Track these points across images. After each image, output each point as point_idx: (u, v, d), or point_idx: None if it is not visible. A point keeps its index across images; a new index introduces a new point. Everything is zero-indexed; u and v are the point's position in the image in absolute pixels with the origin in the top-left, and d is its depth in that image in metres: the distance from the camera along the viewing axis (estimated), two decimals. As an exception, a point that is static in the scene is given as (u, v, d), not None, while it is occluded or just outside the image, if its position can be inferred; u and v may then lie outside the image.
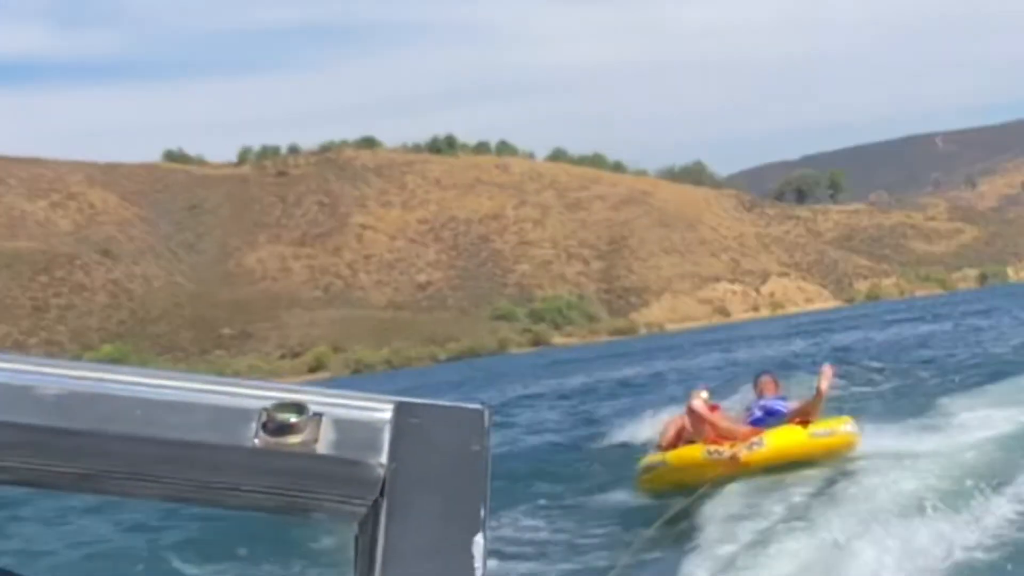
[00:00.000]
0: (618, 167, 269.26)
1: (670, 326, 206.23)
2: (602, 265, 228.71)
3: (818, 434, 22.15)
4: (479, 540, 1.04)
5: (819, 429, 22.24)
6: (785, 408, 22.93)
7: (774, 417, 22.60)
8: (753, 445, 21.36)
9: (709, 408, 22.69)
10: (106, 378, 1.07)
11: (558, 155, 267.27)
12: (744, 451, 21.20)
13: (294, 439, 1.06)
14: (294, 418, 1.06)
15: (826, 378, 22.73)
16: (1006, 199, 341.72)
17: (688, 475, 20.76)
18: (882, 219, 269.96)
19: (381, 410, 1.08)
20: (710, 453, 21.38)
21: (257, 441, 1.06)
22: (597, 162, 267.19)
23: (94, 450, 1.06)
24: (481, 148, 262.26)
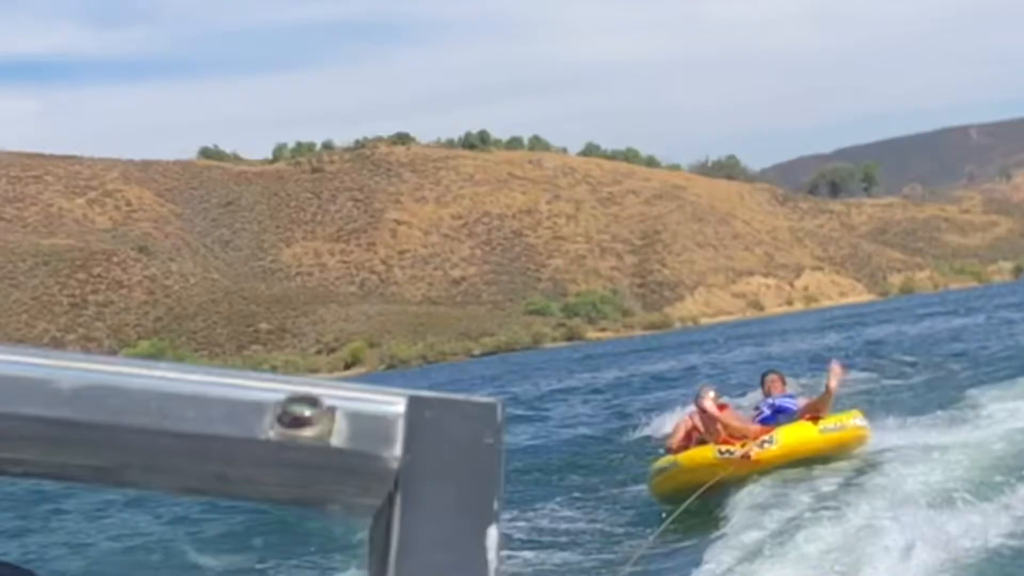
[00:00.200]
0: (651, 162, 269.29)
1: (704, 320, 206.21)
2: (635, 259, 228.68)
3: (828, 429, 22.17)
4: (493, 532, 1.05)
5: (829, 424, 22.26)
6: (794, 405, 22.97)
7: (783, 415, 22.62)
8: (764, 443, 21.45)
9: (718, 407, 22.75)
10: (122, 371, 1.08)
11: (591, 150, 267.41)
12: (756, 449, 21.28)
13: (308, 432, 1.07)
14: (308, 411, 1.07)
15: (835, 375, 22.69)
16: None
17: (701, 476, 20.70)
18: (916, 212, 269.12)
19: (394, 404, 1.09)
20: (722, 453, 21.44)
21: (272, 434, 1.06)
22: (630, 157, 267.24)
23: (110, 443, 1.07)
24: (514, 143, 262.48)
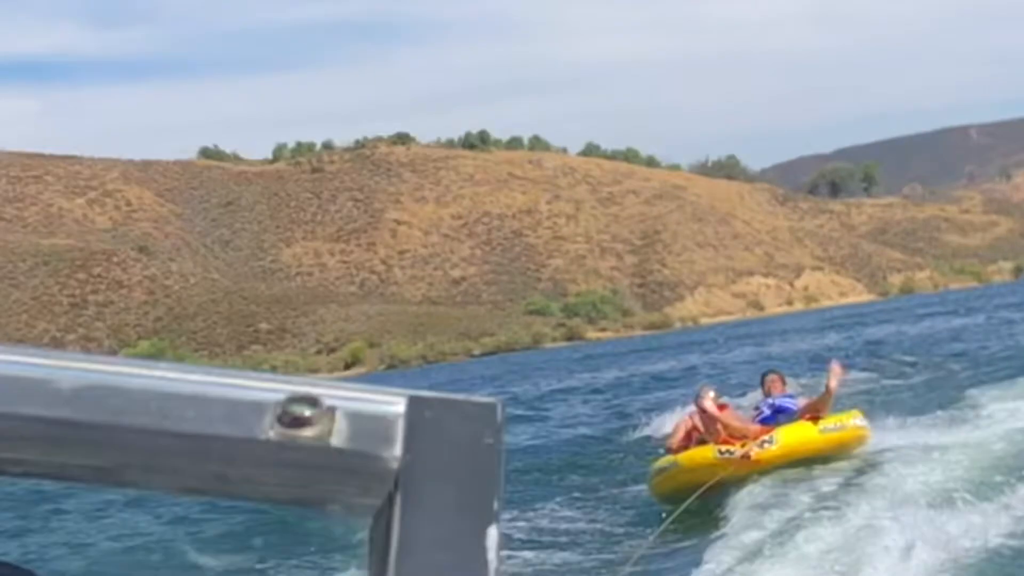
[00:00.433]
0: (651, 162, 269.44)
1: (704, 320, 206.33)
2: (636, 260, 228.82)
3: (828, 429, 22.16)
4: (493, 532, 1.05)
5: (829, 424, 22.24)
6: (794, 405, 22.95)
7: (783, 415, 22.61)
8: (764, 443, 21.43)
9: (718, 407, 22.72)
10: (122, 371, 1.08)
11: (591, 150, 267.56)
12: (756, 449, 21.26)
13: (308, 432, 1.07)
14: (308, 411, 1.07)
15: (835, 375, 22.68)
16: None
17: (701, 476, 20.69)
18: (916, 212, 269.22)
19: (394, 404, 1.09)
20: (721, 453, 21.43)
21: (272, 434, 1.06)
22: (630, 157, 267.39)
23: (110, 443, 1.07)
24: (514, 143, 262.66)
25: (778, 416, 22.52)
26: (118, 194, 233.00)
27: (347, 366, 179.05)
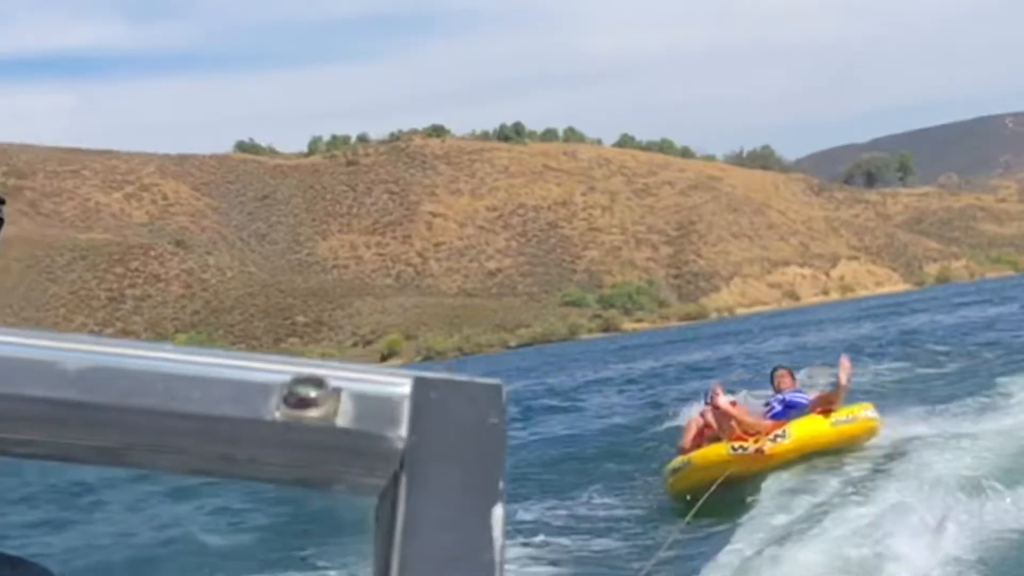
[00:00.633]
0: (686, 152, 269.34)
1: (740, 310, 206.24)
2: (671, 250, 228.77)
3: (840, 422, 22.30)
4: (498, 511, 1.05)
5: (841, 417, 22.37)
6: (805, 400, 23.09)
7: (794, 409, 22.75)
8: (777, 438, 21.58)
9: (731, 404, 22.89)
10: (128, 353, 1.08)
11: (626, 141, 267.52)
12: (769, 444, 21.41)
13: (314, 413, 1.07)
14: (314, 392, 1.07)
15: (844, 370, 22.85)
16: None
17: (715, 473, 20.83)
18: (952, 201, 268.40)
19: (400, 384, 1.09)
20: (735, 449, 21.58)
21: (278, 414, 1.06)
22: (665, 148, 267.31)
23: (116, 424, 1.07)
24: (549, 135, 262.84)
25: (789, 411, 22.68)
26: (155, 188, 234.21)
27: (383, 358, 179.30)
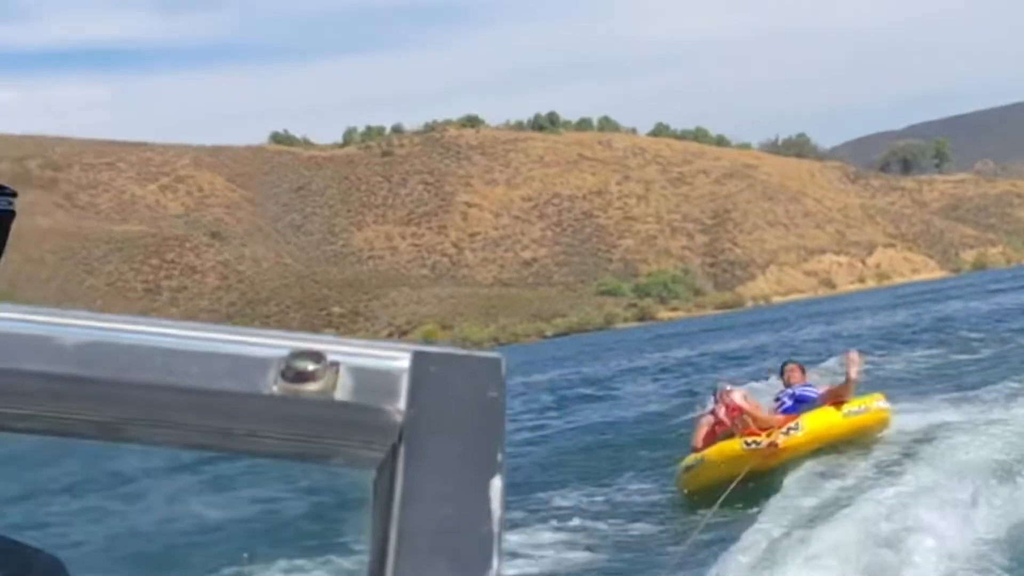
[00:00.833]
0: (721, 141, 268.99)
1: (776, 299, 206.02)
2: (706, 239, 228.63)
3: (852, 413, 22.24)
4: (496, 483, 1.04)
5: (853, 408, 22.32)
6: (815, 394, 23.07)
7: (805, 403, 22.70)
8: (790, 430, 21.54)
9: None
10: (126, 328, 1.08)
11: (660, 130, 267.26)
12: (782, 437, 21.37)
13: (312, 386, 1.06)
14: (312, 366, 1.06)
15: (854, 364, 22.78)
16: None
17: (729, 469, 20.77)
18: (988, 188, 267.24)
19: (399, 358, 1.09)
20: (748, 444, 21.53)
21: (276, 388, 1.06)
22: (700, 136, 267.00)
23: (115, 398, 1.07)
24: (583, 125, 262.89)
25: (800, 405, 22.63)
26: (190, 180, 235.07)
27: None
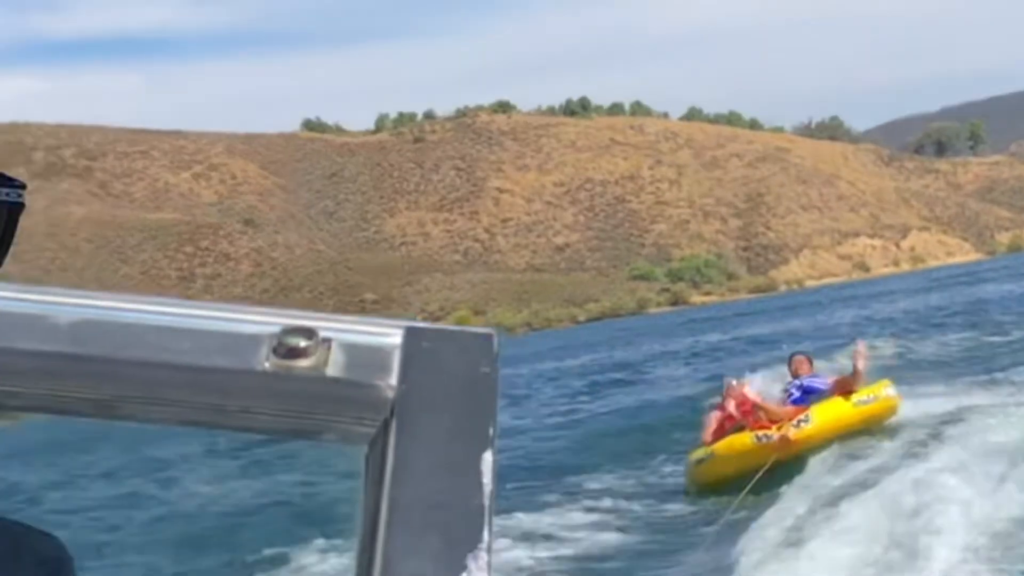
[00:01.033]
0: (754, 124, 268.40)
1: (809, 282, 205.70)
2: (740, 223, 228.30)
3: (862, 402, 22.19)
4: (488, 457, 1.04)
5: (862, 397, 22.24)
6: (824, 385, 22.92)
7: (814, 395, 22.57)
8: (800, 423, 21.46)
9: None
10: (119, 306, 1.09)
11: (693, 114, 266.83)
12: (793, 430, 21.30)
13: (304, 362, 1.07)
14: (304, 343, 1.07)
15: (861, 356, 22.73)
16: None
17: (740, 463, 20.87)
18: (1023, 170, 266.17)
19: (391, 335, 1.09)
20: (759, 438, 21.46)
21: (268, 365, 1.07)
22: (732, 120, 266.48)
23: (108, 376, 1.07)
24: (615, 109, 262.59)
25: (808, 396, 22.51)
26: (223, 168, 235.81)
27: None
